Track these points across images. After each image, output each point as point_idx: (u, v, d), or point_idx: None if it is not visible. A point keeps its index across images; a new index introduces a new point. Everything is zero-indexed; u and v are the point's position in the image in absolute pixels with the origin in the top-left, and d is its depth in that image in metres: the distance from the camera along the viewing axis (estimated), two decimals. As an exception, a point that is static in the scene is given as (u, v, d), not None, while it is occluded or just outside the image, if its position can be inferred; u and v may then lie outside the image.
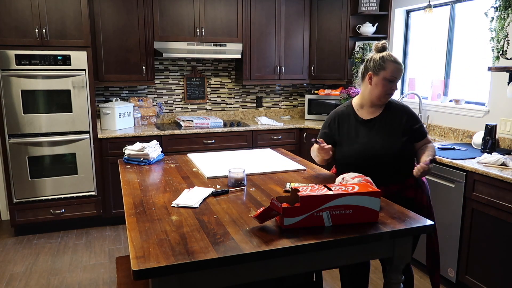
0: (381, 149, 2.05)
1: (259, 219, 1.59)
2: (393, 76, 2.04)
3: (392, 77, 2.04)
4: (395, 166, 2.07)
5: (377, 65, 2.05)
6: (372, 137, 2.08)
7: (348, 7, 4.39)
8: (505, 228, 2.45)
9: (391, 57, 2.05)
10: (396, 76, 2.05)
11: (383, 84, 2.05)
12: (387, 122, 2.10)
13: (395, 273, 1.71)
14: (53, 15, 3.48)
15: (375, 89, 2.07)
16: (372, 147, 2.06)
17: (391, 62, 2.04)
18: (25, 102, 3.51)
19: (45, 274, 3.10)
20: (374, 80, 2.07)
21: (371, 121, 2.12)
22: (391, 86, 2.06)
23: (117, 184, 3.45)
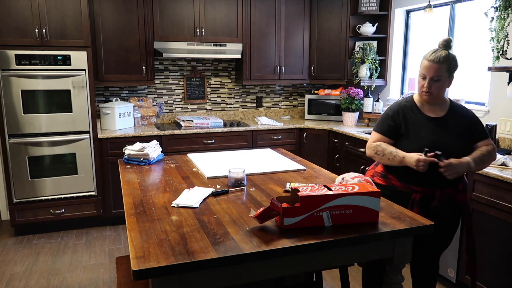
0: (448, 148, 2.00)
1: (259, 219, 1.59)
2: (423, 72, 2.04)
3: (422, 74, 2.05)
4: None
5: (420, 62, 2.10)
6: (440, 136, 2.05)
7: (348, 7, 4.39)
8: (505, 228, 2.45)
9: (429, 54, 2.04)
10: (425, 73, 2.03)
11: (419, 81, 2.09)
12: (453, 122, 2.07)
13: (395, 273, 1.71)
14: (53, 15, 3.48)
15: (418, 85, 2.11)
16: (440, 145, 2.01)
17: (425, 59, 2.05)
18: (25, 102, 3.51)
19: (45, 274, 3.10)
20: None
21: (438, 119, 2.09)
22: (424, 83, 2.04)
23: (117, 184, 3.45)
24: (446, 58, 2.00)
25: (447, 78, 2.03)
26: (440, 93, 2.05)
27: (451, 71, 2.03)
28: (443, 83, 2.03)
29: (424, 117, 2.10)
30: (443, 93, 2.08)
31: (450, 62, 2.00)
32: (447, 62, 2.00)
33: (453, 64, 2.02)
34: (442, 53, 2.01)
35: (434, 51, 2.03)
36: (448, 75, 2.03)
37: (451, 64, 2.01)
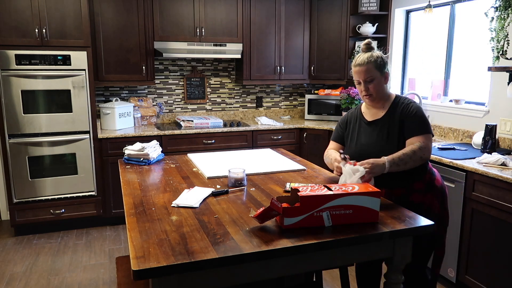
0: (377, 151, 1.99)
1: (259, 219, 1.59)
2: (356, 79, 2.07)
3: (356, 80, 2.08)
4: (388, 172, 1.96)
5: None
6: (372, 139, 2.07)
7: (348, 7, 4.39)
8: (505, 228, 2.45)
9: (354, 61, 2.07)
10: (357, 78, 2.05)
11: (357, 88, 2.10)
12: (388, 123, 2.05)
13: (395, 273, 1.71)
14: (53, 15, 3.48)
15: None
16: (367, 149, 2.05)
17: (353, 66, 2.08)
18: (25, 102, 3.51)
19: (45, 274, 3.10)
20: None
21: (373, 122, 2.10)
22: (360, 88, 2.07)
23: (117, 184, 3.45)
24: (369, 57, 2.02)
25: (379, 75, 2.03)
26: (379, 92, 2.05)
27: (381, 68, 2.03)
28: (378, 81, 2.03)
29: (363, 122, 2.15)
30: (382, 91, 2.06)
31: (376, 60, 2.02)
32: (373, 61, 2.01)
33: (379, 61, 2.02)
34: (365, 55, 2.04)
35: (358, 56, 2.06)
36: (379, 72, 2.03)
37: (378, 61, 2.02)
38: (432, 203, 2.02)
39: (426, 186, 2.03)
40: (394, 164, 1.89)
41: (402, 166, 1.91)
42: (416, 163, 1.94)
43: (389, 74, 2.09)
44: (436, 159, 2.88)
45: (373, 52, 2.05)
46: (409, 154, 1.91)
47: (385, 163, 1.88)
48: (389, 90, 2.14)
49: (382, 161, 1.88)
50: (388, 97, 2.11)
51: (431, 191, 2.04)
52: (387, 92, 2.11)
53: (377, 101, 2.09)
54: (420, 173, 2.03)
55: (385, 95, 2.09)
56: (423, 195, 2.02)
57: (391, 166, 1.88)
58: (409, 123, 2.00)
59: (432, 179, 2.07)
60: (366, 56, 2.03)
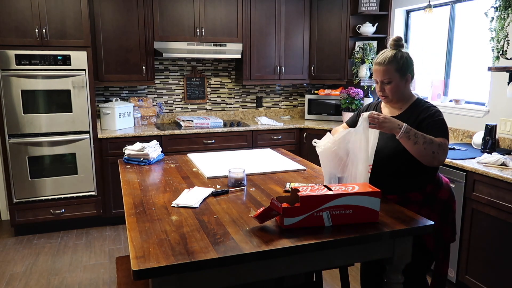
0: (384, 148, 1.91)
1: (259, 219, 1.59)
2: (374, 77, 1.98)
3: (375, 79, 1.98)
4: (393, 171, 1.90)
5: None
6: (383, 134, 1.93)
7: (348, 7, 4.39)
8: (505, 228, 2.45)
9: (377, 57, 1.98)
10: (375, 77, 1.96)
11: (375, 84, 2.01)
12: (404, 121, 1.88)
13: (395, 273, 1.71)
14: (53, 15, 3.48)
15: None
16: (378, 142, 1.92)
17: (373, 63, 2.00)
18: (25, 102, 3.51)
19: (45, 274, 3.10)
20: None
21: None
22: (379, 87, 1.97)
23: (117, 184, 3.45)
24: (392, 58, 1.90)
25: (398, 78, 1.91)
26: (395, 94, 1.93)
27: (403, 70, 1.91)
28: (396, 84, 1.91)
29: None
30: (400, 94, 1.94)
31: (398, 61, 1.90)
32: (394, 62, 1.90)
33: (402, 62, 1.90)
34: (389, 54, 1.92)
35: (381, 53, 1.95)
36: (399, 75, 1.90)
37: (400, 63, 1.90)
38: (429, 217, 1.82)
39: (425, 199, 1.90)
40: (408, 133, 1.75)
41: (411, 141, 1.76)
42: (426, 153, 1.77)
43: (413, 77, 1.96)
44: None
45: (399, 51, 1.92)
46: (426, 140, 1.77)
47: (402, 125, 1.76)
48: (412, 91, 2.01)
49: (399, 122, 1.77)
50: (409, 99, 1.98)
51: (430, 204, 1.91)
52: (408, 94, 1.98)
53: (394, 102, 1.98)
54: (421, 184, 1.91)
55: (404, 97, 1.97)
56: (419, 208, 1.88)
57: (406, 131, 1.75)
58: (429, 125, 1.86)
59: (435, 192, 1.93)
60: (388, 56, 1.91)
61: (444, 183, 2.00)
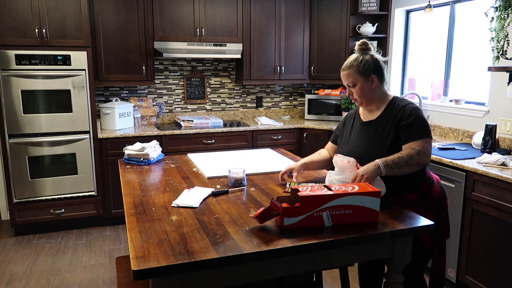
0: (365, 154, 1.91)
1: (259, 219, 1.59)
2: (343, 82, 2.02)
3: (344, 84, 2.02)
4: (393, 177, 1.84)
5: None
6: (362, 141, 1.98)
7: (348, 7, 4.39)
8: (505, 228, 2.45)
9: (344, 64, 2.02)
10: (343, 83, 2.00)
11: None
12: (383, 124, 1.93)
13: (395, 273, 1.71)
14: (53, 15, 3.48)
15: None
16: (355, 150, 1.96)
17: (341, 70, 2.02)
18: (25, 102, 3.51)
19: (45, 274, 3.10)
20: None
21: (368, 123, 2.01)
22: (347, 91, 2.02)
23: (117, 184, 3.45)
24: (353, 62, 1.95)
25: (362, 80, 1.93)
26: (363, 96, 1.95)
27: (365, 72, 1.92)
28: (362, 86, 1.94)
29: (358, 123, 2.07)
30: (368, 96, 1.96)
31: (359, 64, 1.92)
32: (355, 66, 1.93)
33: (363, 64, 1.92)
34: (350, 58, 1.98)
35: (347, 60, 2.00)
36: (362, 77, 1.93)
37: (360, 65, 1.92)
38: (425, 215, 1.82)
39: (421, 199, 1.91)
40: (388, 166, 1.77)
41: (396, 170, 1.79)
42: (413, 169, 1.82)
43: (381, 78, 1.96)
44: (436, 159, 2.88)
45: (363, 54, 1.95)
46: (405, 158, 1.79)
47: (378, 164, 1.77)
48: (386, 91, 2.03)
49: (374, 163, 1.78)
50: (383, 99, 1.99)
51: (425, 204, 1.92)
52: (380, 94, 1.99)
53: (367, 104, 1.99)
54: (415, 184, 1.92)
55: (376, 98, 1.98)
56: (416, 208, 1.88)
57: (385, 167, 1.77)
58: (406, 126, 1.86)
59: (429, 190, 1.95)
60: (350, 61, 1.97)
61: (435, 181, 2.02)
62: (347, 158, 1.86)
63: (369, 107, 2.02)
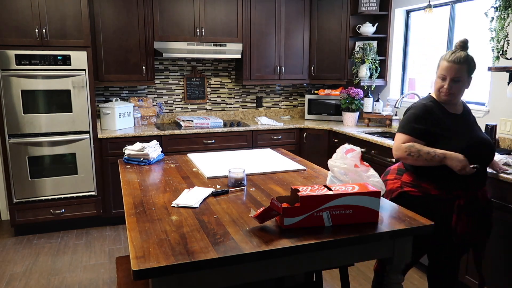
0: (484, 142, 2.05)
1: (259, 219, 1.59)
2: (443, 73, 2.03)
3: (442, 75, 2.03)
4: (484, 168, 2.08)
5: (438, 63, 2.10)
6: (470, 131, 2.06)
7: (348, 7, 4.39)
8: (505, 228, 2.45)
9: (448, 55, 2.04)
10: (445, 73, 2.02)
11: (436, 81, 2.07)
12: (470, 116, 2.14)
13: (395, 273, 1.71)
14: (53, 15, 3.48)
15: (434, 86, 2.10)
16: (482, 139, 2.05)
17: (444, 60, 2.04)
18: (25, 102, 3.51)
19: (45, 274, 3.10)
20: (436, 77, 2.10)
21: (460, 116, 2.10)
22: (443, 84, 2.03)
23: (117, 184, 3.45)
24: (465, 59, 2.01)
25: (466, 79, 2.04)
26: (459, 94, 2.06)
27: (470, 72, 2.04)
28: (463, 84, 2.04)
29: (452, 115, 2.08)
30: (462, 94, 2.09)
31: (470, 63, 2.02)
32: (467, 63, 2.01)
33: (472, 65, 2.03)
34: (462, 54, 2.01)
35: (453, 52, 2.04)
36: (467, 75, 2.04)
37: (471, 65, 2.03)
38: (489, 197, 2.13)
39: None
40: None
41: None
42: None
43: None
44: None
45: (468, 53, 2.05)
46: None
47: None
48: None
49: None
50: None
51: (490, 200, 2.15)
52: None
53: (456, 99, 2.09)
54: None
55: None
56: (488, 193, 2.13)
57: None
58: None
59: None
60: (462, 56, 2.01)
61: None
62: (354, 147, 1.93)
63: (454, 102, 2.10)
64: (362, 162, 1.89)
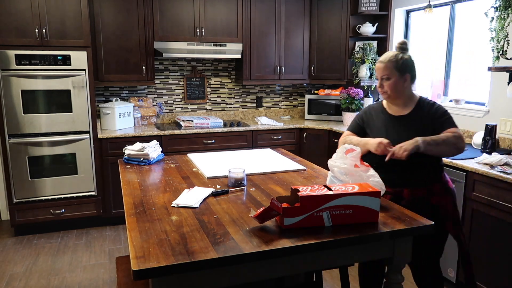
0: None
1: (259, 219, 1.59)
2: (376, 74, 2.14)
3: (377, 76, 2.13)
4: (421, 166, 2.03)
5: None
6: (401, 134, 2.06)
7: (348, 7, 4.39)
8: (505, 228, 2.45)
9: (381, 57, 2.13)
10: (376, 74, 2.12)
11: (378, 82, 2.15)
12: (417, 119, 2.08)
13: (395, 273, 1.71)
14: (53, 15, 3.48)
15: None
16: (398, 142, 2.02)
17: (377, 62, 2.13)
18: (25, 102, 3.51)
19: (45, 274, 3.10)
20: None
21: (401, 118, 2.12)
22: (379, 83, 2.11)
23: (117, 184, 3.45)
24: (391, 57, 2.07)
25: (397, 76, 2.05)
26: (394, 91, 2.07)
27: (402, 70, 2.05)
28: (395, 81, 2.05)
29: (388, 116, 2.16)
30: (399, 92, 2.08)
31: (398, 60, 2.05)
32: (394, 61, 2.05)
33: (401, 62, 2.05)
34: (390, 53, 2.09)
35: (385, 54, 2.12)
36: (398, 73, 2.04)
37: (399, 62, 2.05)
38: (447, 205, 2.07)
39: (442, 189, 2.08)
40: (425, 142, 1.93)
41: (433, 146, 1.95)
42: (450, 149, 1.98)
43: (413, 78, 2.10)
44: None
45: (401, 53, 2.07)
46: (442, 138, 1.97)
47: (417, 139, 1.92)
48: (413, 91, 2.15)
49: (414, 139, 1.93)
50: (411, 97, 2.13)
51: (446, 193, 2.08)
52: (408, 93, 2.11)
53: (393, 99, 2.11)
54: (438, 175, 2.09)
55: (404, 95, 2.10)
56: (440, 197, 2.06)
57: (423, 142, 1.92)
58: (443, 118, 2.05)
59: (447, 182, 2.12)
60: (389, 55, 2.08)
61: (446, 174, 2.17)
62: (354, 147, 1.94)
63: (396, 102, 2.14)
64: (362, 162, 1.89)
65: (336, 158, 1.95)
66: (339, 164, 1.92)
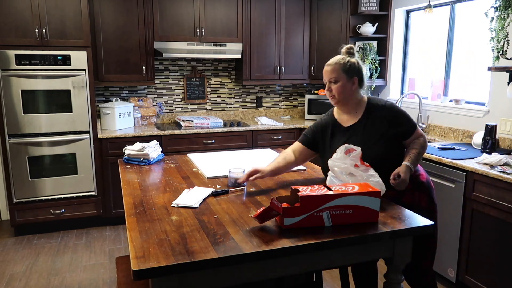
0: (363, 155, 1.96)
1: (259, 219, 1.59)
2: (324, 79, 2.11)
3: (324, 80, 2.11)
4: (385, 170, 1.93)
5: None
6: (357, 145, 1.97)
7: (348, 7, 4.39)
8: (505, 228, 2.45)
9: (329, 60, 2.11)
10: (324, 78, 2.09)
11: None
12: (366, 128, 2.03)
13: (395, 273, 1.71)
14: (53, 15, 3.48)
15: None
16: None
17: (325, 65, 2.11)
18: (25, 102, 3.51)
19: (45, 274, 3.10)
20: None
21: (351, 128, 2.07)
22: (326, 87, 2.09)
23: (117, 184, 3.45)
24: (339, 60, 2.06)
25: (345, 79, 2.02)
26: (342, 94, 2.04)
27: (349, 72, 2.03)
28: (343, 84, 2.03)
29: (339, 129, 2.12)
30: (347, 95, 2.05)
31: (345, 64, 2.03)
32: (342, 64, 2.04)
33: (349, 65, 2.03)
34: (338, 57, 2.08)
35: (333, 58, 2.11)
36: (346, 76, 2.02)
37: (346, 65, 2.03)
38: (420, 200, 2.03)
39: (413, 185, 2.02)
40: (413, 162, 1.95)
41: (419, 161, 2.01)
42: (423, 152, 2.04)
43: (361, 82, 2.07)
44: (436, 159, 2.88)
45: (350, 57, 2.06)
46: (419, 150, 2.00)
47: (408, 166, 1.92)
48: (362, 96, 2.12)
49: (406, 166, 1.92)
50: (360, 102, 2.09)
51: (418, 188, 2.04)
52: (357, 97, 2.08)
53: (342, 104, 2.08)
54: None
55: (353, 100, 2.07)
56: (412, 194, 2.02)
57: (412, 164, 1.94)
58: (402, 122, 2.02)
59: (417, 176, 2.06)
60: (337, 58, 2.08)
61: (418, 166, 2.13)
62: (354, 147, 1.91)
63: (345, 108, 2.11)
64: (362, 162, 1.88)
65: (336, 158, 1.95)
66: (339, 164, 1.92)
